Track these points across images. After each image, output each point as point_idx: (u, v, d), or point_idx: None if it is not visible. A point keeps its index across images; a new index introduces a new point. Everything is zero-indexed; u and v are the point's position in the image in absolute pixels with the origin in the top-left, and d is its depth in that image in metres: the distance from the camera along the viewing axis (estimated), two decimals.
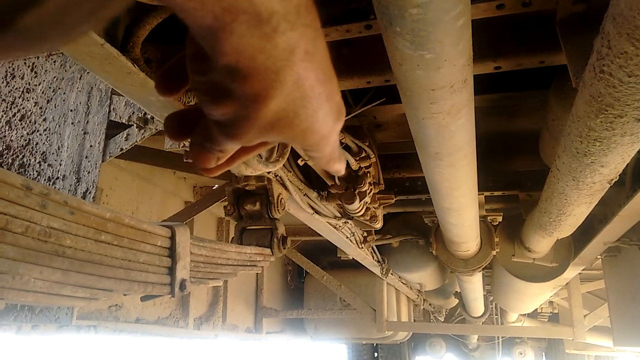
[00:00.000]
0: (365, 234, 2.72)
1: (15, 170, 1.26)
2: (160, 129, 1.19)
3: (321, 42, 0.40)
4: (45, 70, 1.33)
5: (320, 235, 2.22)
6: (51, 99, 1.31)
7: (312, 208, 1.78)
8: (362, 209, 1.92)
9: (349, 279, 4.21)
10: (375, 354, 6.65)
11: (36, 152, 1.26)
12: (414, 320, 5.38)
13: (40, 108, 1.30)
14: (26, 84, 1.33)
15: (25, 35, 0.28)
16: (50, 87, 1.32)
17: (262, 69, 0.36)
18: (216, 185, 2.79)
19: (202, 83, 0.40)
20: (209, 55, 0.36)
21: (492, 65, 1.42)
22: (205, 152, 0.45)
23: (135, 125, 1.24)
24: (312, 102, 0.41)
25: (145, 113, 1.22)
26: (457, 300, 5.35)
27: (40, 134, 1.28)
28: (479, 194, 1.98)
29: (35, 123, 1.29)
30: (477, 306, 4.92)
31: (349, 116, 1.66)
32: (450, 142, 1.29)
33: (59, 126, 1.27)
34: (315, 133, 0.44)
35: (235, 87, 0.37)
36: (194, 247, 0.94)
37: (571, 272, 3.00)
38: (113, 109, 1.26)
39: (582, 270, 3.12)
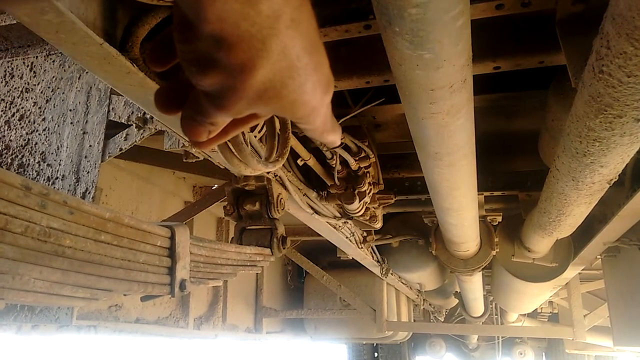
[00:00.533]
0: (365, 234, 2.72)
1: (15, 170, 1.26)
2: (160, 129, 1.19)
3: (307, 9, 0.39)
4: (44, 70, 1.33)
5: (320, 235, 2.22)
6: (50, 98, 1.31)
7: (312, 208, 1.78)
8: (361, 209, 1.92)
9: (348, 279, 4.21)
10: (375, 354, 6.64)
11: (35, 152, 1.26)
12: (414, 320, 5.38)
13: (39, 108, 1.30)
14: (25, 83, 1.33)
15: None
16: (49, 87, 1.32)
17: (247, 36, 0.36)
18: (216, 185, 2.79)
19: (189, 53, 0.39)
20: (194, 24, 0.36)
21: (491, 65, 1.42)
22: (196, 124, 0.45)
23: (134, 125, 1.24)
24: (300, 72, 0.41)
25: (144, 113, 1.22)
26: (457, 300, 5.35)
27: (39, 134, 1.28)
28: (478, 194, 1.98)
29: (34, 123, 1.29)
30: (477, 306, 4.92)
31: (348, 116, 1.66)
32: (450, 142, 1.29)
33: (58, 126, 1.27)
34: (304, 104, 0.43)
35: (221, 56, 0.37)
36: (193, 247, 0.94)
37: (571, 272, 3.00)
38: (112, 108, 1.26)
39: (582, 270, 3.12)
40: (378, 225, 2.23)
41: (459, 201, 1.81)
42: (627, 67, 0.82)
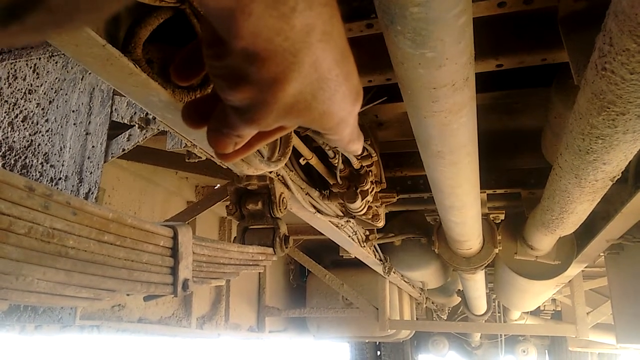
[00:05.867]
0: (368, 233, 2.72)
1: (18, 172, 1.26)
2: (162, 129, 1.20)
3: (338, 21, 0.39)
4: (47, 72, 1.33)
5: (323, 234, 2.22)
6: (53, 100, 1.31)
7: (314, 207, 1.78)
8: (364, 207, 1.92)
9: (351, 277, 4.20)
10: (378, 353, 6.65)
11: (38, 153, 1.27)
12: (417, 319, 5.38)
13: (43, 109, 1.31)
14: (28, 85, 1.33)
15: (55, 13, 0.28)
16: (52, 88, 1.32)
17: (280, 51, 0.36)
18: (218, 185, 2.80)
19: (219, 68, 0.39)
20: (225, 40, 0.36)
21: (493, 63, 1.41)
22: (222, 137, 0.44)
23: (137, 125, 1.24)
24: (330, 83, 0.40)
25: (147, 113, 1.23)
26: (459, 299, 5.35)
27: (42, 135, 1.28)
28: (481, 192, 1.98)
29: (37, 124, 1.30)
30: (480, 304, 4.92)
31: None
32: (452, 140, 1.29)
33: (61, 127, 1.28)
34: (333, 115, 0.43)
35: (252, 71, 0.37)
36: (196, 246, 0.94)
37: (574, 270, 2.99)
38: (115, 109, 1.26)
39: (585, 267, 3.11)
40: (380, 223, 2.23)
41: (462, 199, 1.80)
42: (630, 64, 0.82)
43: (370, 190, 1.83)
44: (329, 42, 0.38)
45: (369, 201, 1.92)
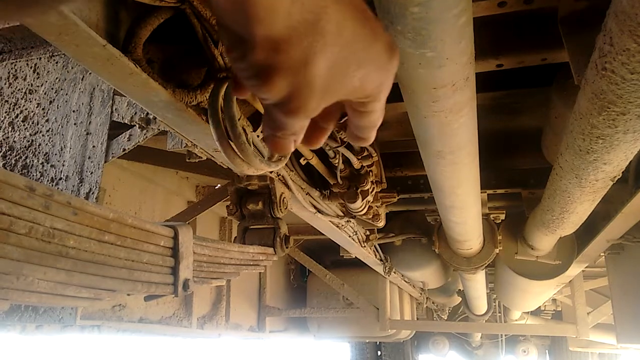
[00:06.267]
0: (368, 233, 2.72)
1: (18, 172, 1.26)
2: (163, 129, 1.20)
3: None
4: (48, 72, 1.33)
5: (323, 234, 2.22)
6: (54, 100, 1.31)
7: (315, 207, 1.78)
8: (364, 207, 1.92)
9: (351, 277, 4.20)
10: (379, 353, 6.65)
11: (39, 153, 1.27)
12: (417, 319, 5.38)
13: (43, 109, 1.31)
14: (29, 85, 1.34)
15: None
16: (52, 88, 1.32)
17: (301, 23, 0.35)
18: (219, 185, 2.80)
19: (247, 69, 0.38)
20: (244, 36, 0.35)
21: (494, 63, 1.41)
22: (279, 140, 0.44)
23: (137, 125, 1.24)
24: (360, 44, 0.39)
25: (147, 113, 1.23)
26: (460, 299, 5.35)
27: (42, 135, 1.28)
28: (481, 192, 1.98)
29: (37, 124, 1.30)
30: (480, 304, 4.92)
31: None
32: (453, 140, 1.29)
33: (62, 127, 1.28)
34: (374, 76, 0.42)
35: (280, 58, 0.36)
36: (196, 246, 0.94)
37: (574, 270, 2.99)
38: (115, 109, 1.26)
39: (586, 267, 3.11)
40: (381, 223, 2.23)
41: (462, 199, 1.80)
42: (631, 64, 0.82)
43: (370, 190, 1.83)
44: (345, 1, 0.37)
45: (369, 201, 1.92)
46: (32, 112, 1.31)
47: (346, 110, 0.49)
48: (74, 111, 1.28)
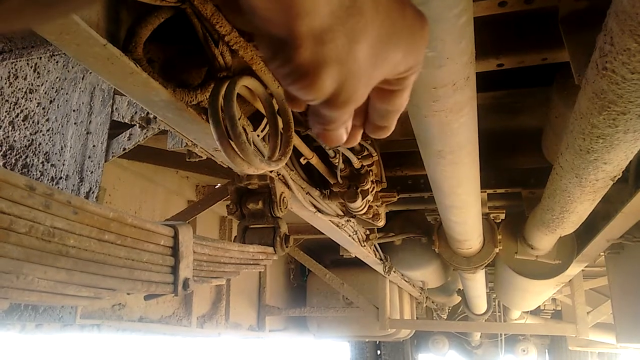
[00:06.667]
0: (368, 232, 2.72)
1: (19, 171, 1.26)
2: (163, 128, 1.20)
3: None
4: (48, 71, 1.33)
5: (323, 234, 2.22)
6: (54, 99, 1.31)
7: (315, 206, 1.78)
8: (364, 207, 1.92)
9: (351, 277, 4.21)
10: (378, 352, 6.65)
11: (39, 152, 1.27)
12: (417, 318, 5.38)
13: (43, 108, 1.31)
14: (29, 84, 1.34)
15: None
16: (53, 88, 1.32)
17: (340, 4, 0.34)
18: (219, 185, 2.80)
19: (292, 73, 0.36)
20: (286, 38, 0.34)
21: (494, 63, 1.41)
22: (331, 133, 0.43)
23: (137, 125, 1.24)
24: (394, 16, 0.38)
25: (147, 113, 1.23)
26: (459, 298, 5.35)
27: (43, 134, 1.28)
28: (481, 192, 1.98)
29: (38, 123, 1.30)
30: (480, 304, 4.92)
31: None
32: (453, 139, 1.29)
33: (62, 126, 1.28)
34: (410, 46, 0.41)
35: (325, 49, 0.35)
36: (196, 246, 0.94)
37: (574, 269, 2.99)
38: (116, 108, 1.26)
39: (585, 267, 3.11)
40: (381, 223, 2.23)
41: (462, 199, 1.80)
42: (631, 64, 0.82)
43: (370, 190, 1.83)
44: None
45: (369, 200, 1.92)
46: (33, 111, 1.31)
47: (370, 99, 0.47)
48: (74, 110, 1.28)
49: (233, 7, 0.36)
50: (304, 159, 1.53)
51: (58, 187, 1.22)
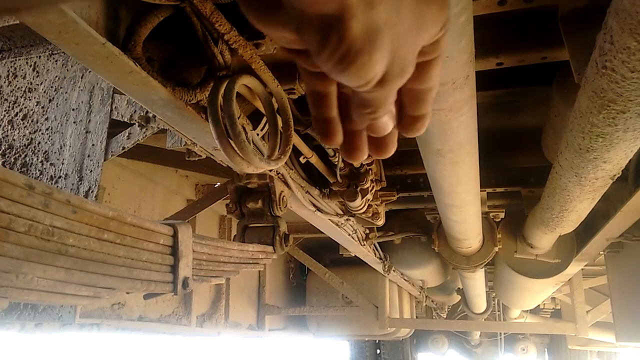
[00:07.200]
0: (368, 231, 2.72)
1: (18, 170, 1.26)
2: (162, 127, 1.19)
3: None
4: (47, 70, 1.33)
5: (323, 233, 2.22)
6: (53, 98, 1.31)
7: (314, 205, 1.78)
8: (364, 206, 1.92)
9: (351, 276, 4.21)
10: (378, 351, 6.66)
11: (38, 151, 1.27)
12: (416, 317, 5.38)
13: (42, 107, 1.30)
14: (28, 83, 1.33)
15: None
16: (52, 87, 1.32)
17: None
18: (218, 183, 2.80)
19: (346, 54, 0.34)
20: (335, 20, 0.33)
21: (494, 62, 1.41)
22: (379, 121, 0.42)
23: (137, 123, 1.24)
24: None
25: (147, 112, 1.22)
26: (459, 297, 5.35)
27: (42, 133, 1.28)
28: (481, 191, 1.98)
29: (37, 122, 1.30)
30: (480, 302, 4.92)
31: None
32: (453, 138, 1.28)
33: (61, 125, 1.27)
34: (439, 16, 0.40)
35: (376, 19, 0.34)
36: (196, 245, 0.94)
37: (574, 268, 3.00)
38: (115, 107, 1.26)
39: (585, 266, 3.12)
40: (380, 222, 2.23)
41: (462, 198, 1.80)
42: (631, 63, 0.82)
43: (370, 189, 1.83)
44: None
45: (368, 199, 1.92)
46: (32, 110, 1.31)
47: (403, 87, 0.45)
48: (73, 109, 1.28)
49: (271, 4, 0.35)
50: (304, 158, 1.53)
51: (57, 186, 1.22)
